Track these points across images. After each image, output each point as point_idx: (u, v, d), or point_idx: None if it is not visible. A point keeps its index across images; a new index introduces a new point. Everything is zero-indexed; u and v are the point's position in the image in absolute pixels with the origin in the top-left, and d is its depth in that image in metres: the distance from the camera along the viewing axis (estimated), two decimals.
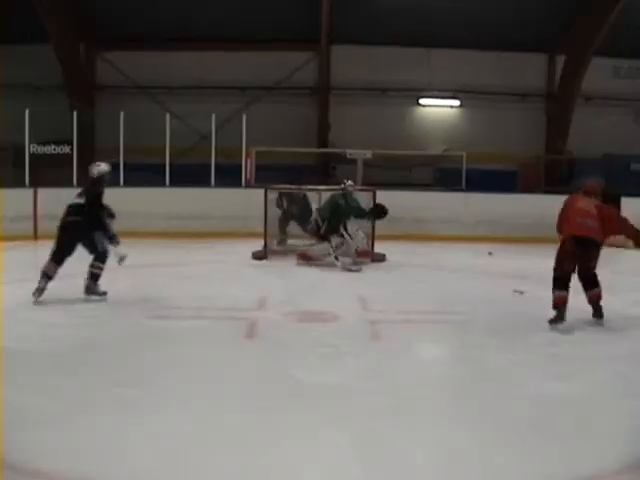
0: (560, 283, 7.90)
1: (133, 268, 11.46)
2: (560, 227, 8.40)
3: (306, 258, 12.27)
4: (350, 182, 12.71)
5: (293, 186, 13.92)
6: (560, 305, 7.76)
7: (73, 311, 8.03)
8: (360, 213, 12.47)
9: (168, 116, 17.49)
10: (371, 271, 11.88)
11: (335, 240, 12.01)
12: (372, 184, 15.01)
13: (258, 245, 13.12)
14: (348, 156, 19.20)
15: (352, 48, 22.90)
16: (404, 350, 6.68)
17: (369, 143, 19.72)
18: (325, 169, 23.02)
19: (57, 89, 21.95)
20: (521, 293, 9.90)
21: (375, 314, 8.48)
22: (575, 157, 22.88)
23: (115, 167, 16.83)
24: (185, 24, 21.79)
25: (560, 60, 23.41)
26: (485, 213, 17.00)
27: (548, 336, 7.19)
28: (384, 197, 13.13)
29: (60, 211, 14.78)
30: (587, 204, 8.15)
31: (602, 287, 7.96)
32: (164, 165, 17.21)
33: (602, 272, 8.04)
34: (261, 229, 13.30)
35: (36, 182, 16.19)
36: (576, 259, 7.93)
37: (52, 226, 14.89)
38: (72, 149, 16.61)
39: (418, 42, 22.47)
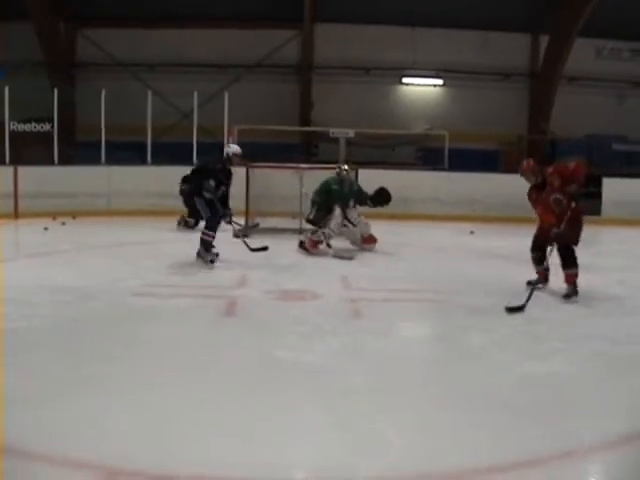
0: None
1: (115, 246, 11.46)
2: None
3: (304, 249, 11.70)
4: (345, 166, 12.26)
5: (274, 164, 13.83)
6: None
7: (54, 291, 7.95)
8: (360, 198, 12.05)
9: (150, 94, 17.37)
10: (355, 251, 11.84)
11: (328, 226, 11.61)
12: (355, 163, 14.96)
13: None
14: (331, 135, 19.12)
15: (335, 26, 22.85)
16: (385, 329, 6.66)
17: (352, 122, 19.61)
18: (308, 148, 23.00)
19: (37, 66, 21.76)
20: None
21: (357, 292, 8.45)
22: (557, 137, 22.92)
23: (96, 145, 16.82)
24: (167, 1, 21.63)
25: (544, 40, 23.44)
26: (467, 192, 17.02)
27: (529, 315, 7.18)
28: (367, 175, 13.13)
29: (41, 189, 14.80)
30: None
31: (584, 267, 8.01)
32: (146, 143, 17.12)
33: (585, 252, 8.07)
34: (242, 207, 13.27)
35: (17, 160, 16.05)
36: None
37: (33, 204, 15.01)
38: (53, 127, 16.45)
39: (402, 21, 22.44)
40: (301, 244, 11.67)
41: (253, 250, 10.30)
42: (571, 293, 8.08)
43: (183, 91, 19.10)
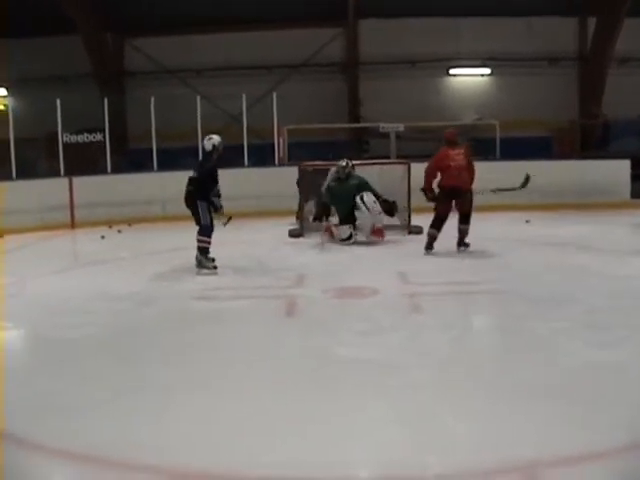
0: (438, 223, 10.44)
1: (172, 252, 11.57)
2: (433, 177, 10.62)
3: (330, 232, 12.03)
4: (343, 162, 12.22)
5: (325, 162, 13.82)
6: (432, 240, 10.44)
7: (112, 298, 8.05)
8: (351, 196, 11.82)
9: (198, 99, 17.49)
10: (409, 244, 11.78)
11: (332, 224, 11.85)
12: (406, 156, 14.90)
13: (294, 223, 13.16)
14: (381, 130, 19.07)
15: (379, 22, 22.71)
16: (445, 322, 6.62)
17: (401, 116, 19.47)
18: (358, 144, 22.95)
19: (87, 78, 22.07)
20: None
21: (415, 287, 8.44)
22: (609, 120, 22.53)
23: (148, 152, 17.00)
24: (209, 6, 21.73)
25: (592, 22, 22.98)
26: (521, 181, 16.77)
27: (590, 305, 7.06)
28: (418, 169, 13.03)
29: (96, 198, 15.01)
30: (458, 156, 10.46)
31: None
32: (197, 148, 17.23)
33: None
34: (296, 207, 13.33)
35: (71, 171, 16.30)
36: (451, 205, 10.45)
37: (89, 214, 15.22)
38: (104, 137, 16.65)
39: (445, 12, 22.19)
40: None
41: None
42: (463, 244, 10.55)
43: (231, 94, 19.13)
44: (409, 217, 12.97)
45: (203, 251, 9.51)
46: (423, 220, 12.46)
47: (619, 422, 4.11)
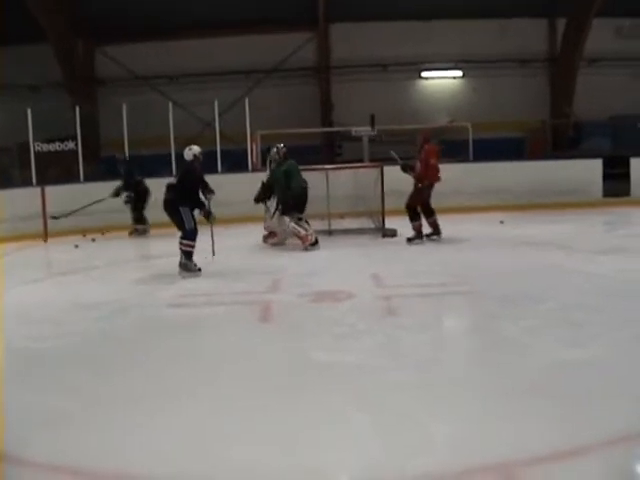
0: (417, 216, 11.53)
1: (146, 259, 11.53)
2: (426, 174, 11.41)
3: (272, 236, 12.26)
4: (275, 148, 12.41)
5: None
6: (421, 229, 11.54)
7: (87, 307, 8.00)
8: (291, 175, 11.94)
9: (170, 105, 17.45)
10: (383, 247, 11.86)
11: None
12: (379, 160, 14.93)
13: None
14: (353, 134, 19.11)
15: (350, 25, 22.85)
16: (419, 324, 6.63)
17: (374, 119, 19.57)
18: (331, 148, 22.99)
19: (58, 86, 22.00)
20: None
21: (389, 290, 8.44)
22: (581, 120, 22.73)
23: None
24: (180, 12, 21.75)
25: (561, 23, 23.23)
26: (494, 182, 16.89)
27: (562, 303, 7.12)
28: (393, 172, 13.07)
29: (69, 207, 14.87)
30: None
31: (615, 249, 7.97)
32: (170, 155, 17.19)
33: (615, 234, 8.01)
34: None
35: (44, 180, 16.20)
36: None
37: (62, 223, 15.11)
38: (76, 145, 16.55)
39: (416, 15, 22.34)
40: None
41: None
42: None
43: (205, 100, 19.10)
44: (383, 220, 12.98)
45: (188, 255, 9.64)
46: (397, 222, 12.55)
47: (593, 419, 4.14)
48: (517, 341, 5.88)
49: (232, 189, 15.77)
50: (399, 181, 12.28)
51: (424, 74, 24.07)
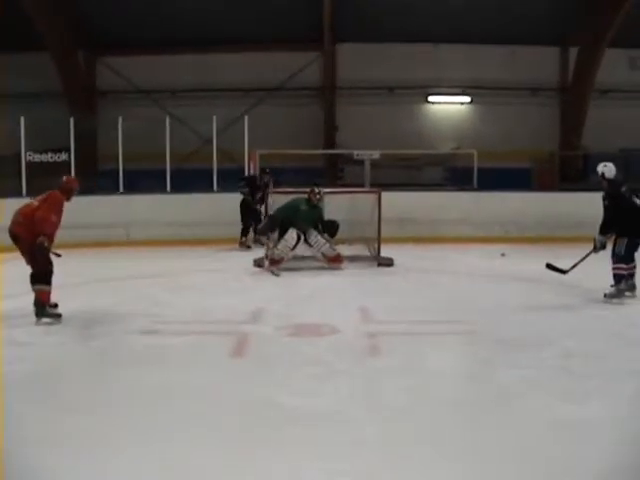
0: None
1: (129, 279, 11.03)
2: None
3: (275, 263, 11.63)
4: (317, 189, 12.07)
5: (294, 189, 13.35)
6: None
7: (50, 331, 7.48)
8: (315, 224, 11.90)
9: (167, 120, 17.00)
10: (376, 277, 11.31)
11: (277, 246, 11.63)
12: (381, 185, 14.39)
13: (261, 252, 12.60)
14: (355, 157, 18.61)
15: (357, 46, 22.50)
16: (403, 368, 6.08)
17: (378, 143, 19.07)
18: (333, 171, 22.57)
19: (57, 97, 21.64)
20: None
21: (376, 326, 7.87)
22: (590, 152, 22.24)
23: (115, 173, 16.50)
24: (186, 26, 21.44)
25: (573, 52, 22.84)
26: (498, 213, 16.34)
27: (563, 348, 6.57)
28: (392, 198, 12.55)
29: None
30: None
31: None
32: (164, 170, 16.77)
33: None
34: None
35: (33, 192, 15.72)
36: None
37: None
38: (69, 156, 16.11)
39: (425, 38, 21.95)
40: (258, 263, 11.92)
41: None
42: None
43: (205, 116, 18.70)
44: (379, 248, 12.42)
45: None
46: (393, 251, 12.03)
47: None
48: (508, 393, 5.37)
49: (228, 209, 15.30)
50: (401, 208, 11.77)
51: (431, 98, 23.65)
